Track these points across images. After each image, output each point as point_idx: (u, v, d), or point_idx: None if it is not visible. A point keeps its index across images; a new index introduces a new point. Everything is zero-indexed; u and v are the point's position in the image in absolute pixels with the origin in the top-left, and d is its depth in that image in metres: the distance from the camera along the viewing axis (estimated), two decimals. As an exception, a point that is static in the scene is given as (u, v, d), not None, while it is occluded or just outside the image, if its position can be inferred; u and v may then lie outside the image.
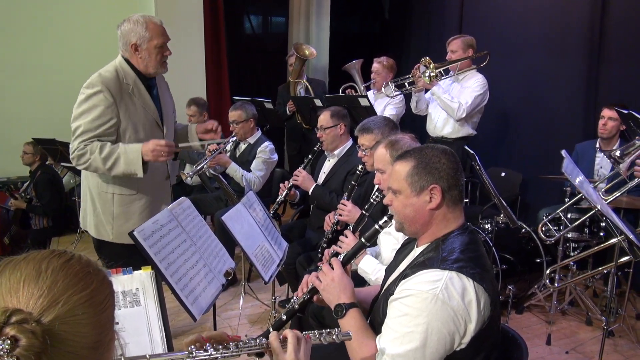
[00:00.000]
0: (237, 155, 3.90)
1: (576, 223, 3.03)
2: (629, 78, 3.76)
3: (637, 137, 2.17)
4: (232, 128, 3.76)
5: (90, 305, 0.76)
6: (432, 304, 1.27)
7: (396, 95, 4.02)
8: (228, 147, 3.82)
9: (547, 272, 2.87)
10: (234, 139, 3.73)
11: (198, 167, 3.50)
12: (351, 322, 1.44)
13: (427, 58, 3.73)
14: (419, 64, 3.78)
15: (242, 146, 3.90)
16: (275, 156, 3.82)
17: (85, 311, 0.75)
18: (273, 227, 2.54)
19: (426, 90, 3.96)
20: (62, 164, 4.55)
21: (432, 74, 3.70)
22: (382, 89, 4.08)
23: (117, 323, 1.43)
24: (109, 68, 2.39)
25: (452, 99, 3.73)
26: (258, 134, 3.87)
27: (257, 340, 1.17)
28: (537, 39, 4.35)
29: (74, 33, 5.30)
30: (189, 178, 3.52)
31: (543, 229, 3.07)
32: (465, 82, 3.83)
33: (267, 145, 3.77)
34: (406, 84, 3.94)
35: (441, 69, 3.76)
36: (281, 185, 3.25)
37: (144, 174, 2.34)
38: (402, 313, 1.31)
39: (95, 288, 0.79)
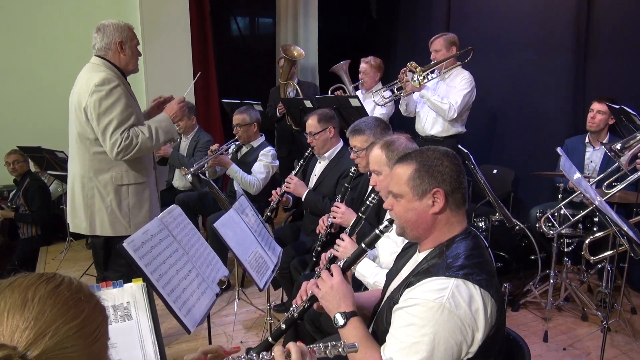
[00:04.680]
0: (238, 157, 3.91)
1: (577, 217, 3.01)
2: (616, 73, 3.77)
3: (638, 130, 2.15)
4: (236, 131, 3.79)
5: (80, 336, 0.71)
6: (438, 313, 1.23)
7: (387, 102, 3.99)
8: (230, 149, 3.86)
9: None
10: (237, 142, 3.76)
11: (199, 165, 3.53)
12: (353, 332, 1.40)
13: (413, 63, 3.71)
14: (405, 69, 3.76)
15: (245, 149, 3.91)
16: (277, 162, 3.85)
17: (75, 343, 0.69)
18: (266, 232, 2.49)
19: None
20: (49, 172, 4.47)
21: (420, 78, 3.69)
22: (372, 96, 4.05)
23: (109, 339, 1.38)
24: (102, 68, 2.51)
25: (442, 99, 3.71)
26: (262, 139, 3.89)
27: (260, 356, 1.12)
28: (525, 36, 4.36)
29: (58, 39, 5.20)
30: (189, 175, 3.55)
31: (543, 222, 3.05)
32: (452, 80, 3.81)
33: (270, 150, 3.80)
34: (395, 90, 3.92)
35: (428, 71, 3.75)
36: (273, 192, 3.22)
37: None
38: (408, 323, 1.27)
39: (87, 316, 0.73)
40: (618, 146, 1.98)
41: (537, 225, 3.10)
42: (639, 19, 3.59)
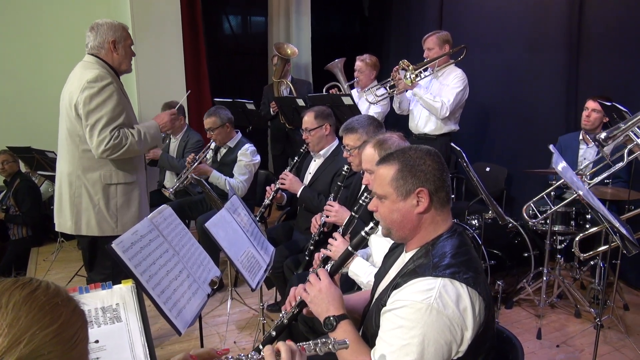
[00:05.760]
0: (218, 159, 3.83)
1: (563, 203, 3.01)
2: (608, 70, 3.78)
3: (622, 121, 2.15)
4: (209, 135, 3.68)
5: (58, 342, 0.68)
6: (426, 314, 1.22)
7: (380, 100, 3.98)
8: (208, 155, 3.76)
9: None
10: (213, 146, 3.66)
11: (179, 182, 3.44)
12: (343, 335, 1.39)
13: (405, 61, 3.71)
14: (397, 67, 3.75)
15: (223, 150, 3.82)
16: (257, 158, 3.75)
17: (52, 349, 0.67)
18: (259, 231, 2.47)
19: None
20: (39, 172, 4.42)
21: (412, 76, 3.68)
22: (365, 95, 4.04)
23: (97, 341, 1.36)
24: (95, 66, 2.50)
25: (435, 98, 3.71)
26: (238, 136, 3.80)
27: (249, 356, 1.11)
28: (517, 34, 4.37)
29: (48, 39, 5.15)
30: (172, 195, 3.45)
31: (525, 212, 3.05)
32: (444, 78, 3.81)
33: (248, 147, 3.70)
34: (387, 88, 3.91)
35: (420, 69, 3.75)
36: (267, 188, 3.19)
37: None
38: (397, 325, 1.26)
39: (65, 322, 0.70)
40: (602, 136, 1.98)
41: (530, 222, 3.11)
42: (631, 16, 3.60)
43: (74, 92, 2.45)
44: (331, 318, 1.43)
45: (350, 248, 1.59)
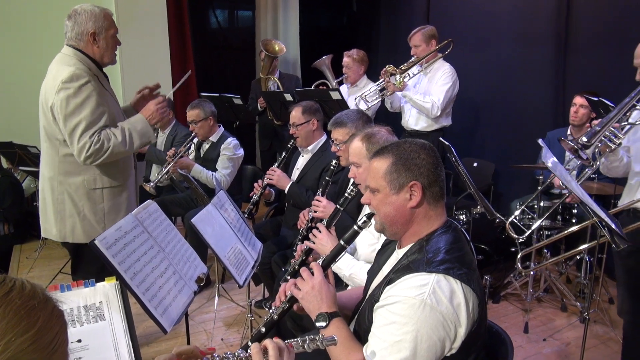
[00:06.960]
0: (201, 155, 3.78)
1: (547, 213, 3.06)
2: (596, 66, 3.81)
3: (597, 123, 2.16)
4: (192, 128, 3.62)
5: (36, 349, 0.64)
6: (420, 310, 1.20)
7: (372, 104, 3.95)
8: (191, 148, 3.71)
9: (519, 256, 2.91)
10: (195, 139, 3.61)
11: (160, 176, 3.38)
12: (335, 333, 1.36)
13: (391, 66, 3.70)
14: (385, 72, 3.73)
15: (206, 145, 3.78)
16: (241, 151, 3.70)
17: (30, 357, 0.63)
18: (246, 227, 2.45)
19: None
20: (21, 168, 4.33)
21: (399, 78, 3.67)
22: (356, 101, 4.00)
23: (80, 341, 1.33)
24: (72, 60, 2.28)
25: (424, 97, 3.70)
26: (220, 130, 3.75)
27: (235, 355, 1.08)
28: (505, 30, 4.37)
29: (30, 28, 5.03)
30: (152, 189, 3.39)
31: (514, 222, 3.08)
32: (433, 75, 3.79)
33: (231, 141, 3.66)
34: (377, 92, 3.89)
35: (408, 71, 3.73)
36: (255, 184, 3.16)
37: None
38: (390, 321, 1.24)
39: (42, 326, 0.66)
40: (584, 139, 1.99)
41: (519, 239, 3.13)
42: (618, 12, 3.62)
43: (49, 93, 2.23)
44: (324, 315, 1.41)
45: (342, 242, 1.56)
